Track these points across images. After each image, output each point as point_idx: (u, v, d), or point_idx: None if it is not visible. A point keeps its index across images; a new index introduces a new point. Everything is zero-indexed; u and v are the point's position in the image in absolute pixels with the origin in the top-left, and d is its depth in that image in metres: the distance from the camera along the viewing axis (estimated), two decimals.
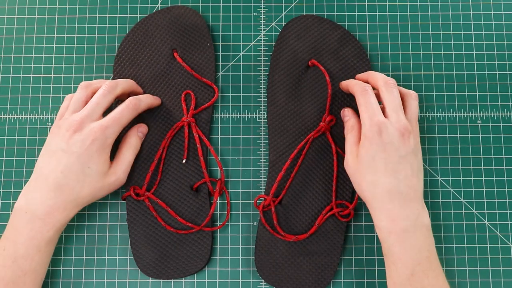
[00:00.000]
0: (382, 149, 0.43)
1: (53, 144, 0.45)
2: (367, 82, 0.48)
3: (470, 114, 0.53)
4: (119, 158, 0.48)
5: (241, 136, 0.53)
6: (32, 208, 0.44)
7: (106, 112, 0.47)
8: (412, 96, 0.47)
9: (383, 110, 0.45)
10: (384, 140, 0.43)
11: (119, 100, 0.51)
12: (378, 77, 0.47)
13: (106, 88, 0.47)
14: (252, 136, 0.53)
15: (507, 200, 0.51)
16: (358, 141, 0.46)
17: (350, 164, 0.46)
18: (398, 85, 0.49)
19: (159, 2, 0.56)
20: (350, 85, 0.48)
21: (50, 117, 0.53)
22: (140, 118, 0.51)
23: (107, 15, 0.55)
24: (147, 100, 0.49)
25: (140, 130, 0.50)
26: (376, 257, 0.50)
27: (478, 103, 0.53)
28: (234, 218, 0.52)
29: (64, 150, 0.44)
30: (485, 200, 0.51)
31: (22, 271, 0.43)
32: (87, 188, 0.45)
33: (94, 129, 0.44)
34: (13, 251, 0.43)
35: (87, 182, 0.45)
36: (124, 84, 0.48)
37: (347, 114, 0.49)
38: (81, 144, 0.44)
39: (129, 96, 0.50)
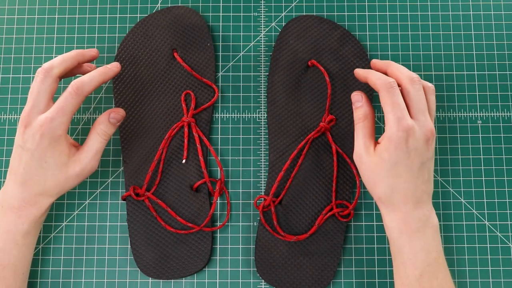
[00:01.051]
0: (407, 156, 0.42)
1: (16, 139, 0.45)
2: (386, 73, 0.45)
3: (470, 114, 0.53)
4: (85, 145, 0.46)
5: (241, 136, 0.53)
6: (6, 202, 0.44)
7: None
8: (430, 91, 0.44)
9: (407, 108, 0.43)
10: (410, 146, 0.42)
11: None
12: (402, 71, 0.44)
13: (41, 72, 0.44)
14: (252, 136, 0.53)
15: (507, 200, 0.51)
16: (372, 134, 0.44)
17: (365, 161, 0.43)
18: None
19: (159, 2, 0.56)
20: (372, 78, 0.44)
21: None
22: (140, 117, 0.51)
23: (107, 15, 0.55)
24: (94, 79, 0.45)
25: (112, 116, 0.46)
26: (376, 257, 0.50)
27: (478, 103, 0.53)
28: (234, 218, 0.52)
29: (21, 147, 0.44)
30: (485, 200, 0.51)
31: (1, 265, 0.44)
32: (51, 181, 0.44)
33: (40, 123, 0.43)
34: None
35: (49, 175, 0.44)
36: (61, 60, 0.45)
37: (358, 99, 0.45)
38: (32, 140, 0.43)
39: (82, 69, 0.48)
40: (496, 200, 0.51)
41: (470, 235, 0.51)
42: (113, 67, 0.47)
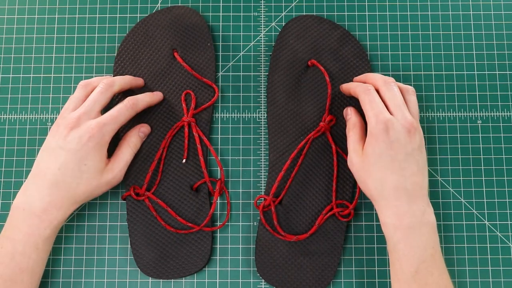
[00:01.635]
0: (389, 147, 0.43)
1: (51, 142, 0.45)
2: (365, 82, 0.48)
3: (470, 114, 0.53)
4: (117, 156, 0.48)
5: (241, 136, 0.53)
6: (29, 205, 0.44)
7: (105, 111, 0.47)
8: (410, 92, 0.47)
9: (386, 108, 0.45)
10: (391, 138, 0.43)
11: (119, 96, 0.51)
12: (377, 77, 0.47)
13: (104, 86, 0.47)
14: (252, 136, 0.53)
15: (507, 200, 0.51)
16: (360, 139, 0.47)
17: (355, 162, 0.46)
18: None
19: (159, 2, 0.56)
20: (352, 87, 0.48)
21: (50, 117, 0.53)
22: (140, 117, 0.51)
23: (107, 15, 0.55)
24: (145, 99, 0.49)
25: (142, 130, 0.50)
26: (376, 257, 0.50)
27: (478, 103, 0.53)
28: (234, 218, 0.52)
29: (61, 147, 0.44)
30: (485, 200, 0.51)
31: (20, 269, 0.43)
32: (83, 185, 0.45)
33: (91, 126, 0.45)
34: (11, 249, 0.43)
35: (84, 178, 0.45)
36: (122, 81, 0.49)
37: (349, 112, 0.50)
38: (78, 140, 0.44)
39: (129, 92, 0.51)
40: (496, 200, 0.51)
41: (470, 235, 0.51)
42: (158, 95, 0.51)
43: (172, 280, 0.50)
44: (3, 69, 0.54)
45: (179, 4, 0.55)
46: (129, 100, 0.48)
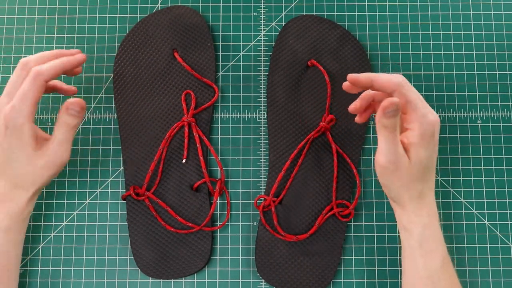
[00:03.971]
0: (434, 150, 0.43)
1: None
2: (371, 85, 0.42)
3: (470, 114, 0.53)
4: (49, 138, 0.45)
5: (241, 136, 0.53)
6: None
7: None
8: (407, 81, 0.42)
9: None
10: (435, 139, 0.42)
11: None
12: (389, 80, 0.41)
13: (30, 79, 0.43)
14: (252, 136, 0.53)
15: (507, 200, 0.51)
16: (399, 140, 0.41)
17: (405, 166, 0.41)
18: None
19: (159, 2, 0.56)
20: (379, 80, 0.41)
21: (50, 117, 0.53)
22: (140, 117, 0.51)
23: (107, 15, 0.55)
24: (53, 67, 0.44)
25: (71, 108, 0.44)
26: (376, 257, 0.50)
27: (478, 103, 0.53)
28: (234, 218, 0.52)
29: None
30: (485, 200, 0.51)
31: None
32: (20, 173, 0.44)
33: (4, 112, 0.43)
34: None
35: (17, 167, 0.44)
36: (50, 69, 0.43)
37: (394, 107, 0.39)
38: (0, 130, 0.43)
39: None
40: (496, 200, 0.51)
41: (470, 235, 0.51)
42: (78, 56, 0.46)
43: (172, 280, 0.50)
44: (3, 69, 0.54)
45: (179, 4, 0.55)
46: (32, 72, 0.43)
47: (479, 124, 0.53)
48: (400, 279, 0.49)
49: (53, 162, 0.45)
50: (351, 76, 0.43)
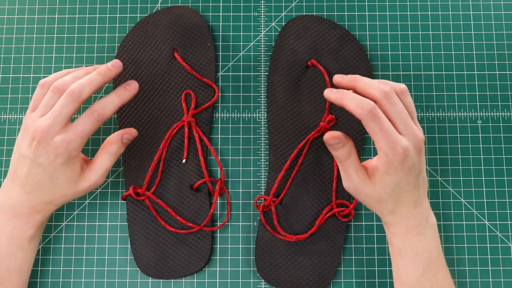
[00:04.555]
0: (407, 173, 0.41)
1: (23, 147, 0.44)
2: (354, 90, 0.42)
3: (470, 114, 0.53)
4: (94, 163, 0.46)
5: (241, 136, 0.53)
6: (11, 208, 0.44)
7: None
8: (404, 93, 0.42)
9: (391, 123, 0.41)
10: (408, 166, 0.41)
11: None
12: (374, 88, 0.41)
13: (70, 97, 0.42)
14: (252, 136, 0.53)
15: (507, 200, 0.51)
16: (359, 164, 0.43)
17: (364, 191, 0.42)
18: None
19: (159, 2, 0.56)
20: (348, 105, 0.41)
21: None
22: (140, 117, 0.51)
23: (107, 15, 0.55)
24: (114, 103, 0.45)
25: (125, 137, 0.47)
26: (376, 257, 0.50)
27: (478, 103, 0.53)
28: (234, 218, 0.52)
29: (31, 160, 0.43)
30: (485, 200, 0.51)
31: (7, 270, 0.44)
32: (59, 195, 0.45)
33: (57, 143, 0.42)
34: None
35: (58, 190, 0.44)
36: (90, 87, 0.43)
37: (336, 140, 0.42)
38: (46, 157, 0.43)
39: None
40: (496, 200, 0.51)
41: (470, 235, 0.51)
42: (131, 88, 0.46)
43: (172, 280, 0.50)
44: (3, 69, 0.54)
45: (179, 4, 0.55)
46: (94, 111, 0.43)
47: (479, 124, 0.53)
48: None
49: (91, 186, 0.46)
50: (335, 79, 0.44)
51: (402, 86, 0.42)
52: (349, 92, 0.41)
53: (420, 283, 0.42)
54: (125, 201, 0.51)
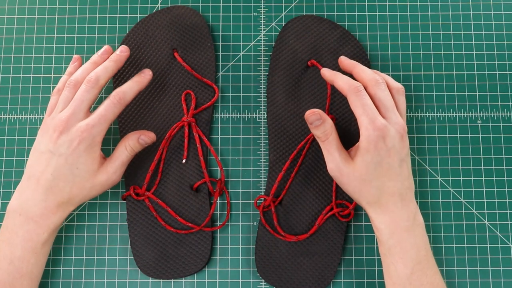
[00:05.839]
0: (388, 154, 0.42)
1: (42, 144, 0.45)
2: (351, 73, 0.46)
3: (470, 114, 0.53)
4: (112, 156, 0.47)
5: (241, 136, 0.53)
6: (25, 210, 0.44)
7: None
8: (400, 91, 0.45)
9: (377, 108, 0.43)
10: (388, 145, 0.42)
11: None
12: (367, 74, 0.45)
13: (89, 84, 0.45)
14: (252, 136, 0.53)
15: (507, 200, 0.51)
16: (340, 144, 0.45)
17: (347, 172, 0.43)
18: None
19: (159, 2, 0.56)
20: (339, 82, 0.45)
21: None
22: (140, 117, 0.51)
23: (107, 15, 0.55)
24: (134, 88, 0.46)
25: (142, 138, 0.48)
26: (376, 257, 0.50)
27: (478, 103, 0.53)
28: (234, 218, 0.52)
29: (52, 152, 0.44)
30: (485, 200, 0.51)
31: (18, 273, 0.43)
32: (77, 188, 0.45)
33: (81, 129, 0.43)
34: (9, 253, 0.43)
35: (76, 182, 0.44)
36: (106, 74, 0.46)
37: (315, 116, 0.44)
38: (69, 145, 0.43)
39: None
40: (496, 200, 0.51)
41: (470, 235, 0.51)
42: (146, 75, 0.48)
43: (172, 280, 0.50)
44: (3, 69, 0.54)
45: (179, 4, 0.55)
46: (115, 96, 0.45)
47: (479, 124, 0.53)
48: None
49: (109, 181, 0.46)
50: (341, 58, 0.48)
51: (399, 85, 0.46)
52: (342, 74, 0.45)
53: (410, 282, 0.42)
54: (125, 201, 0.51)
